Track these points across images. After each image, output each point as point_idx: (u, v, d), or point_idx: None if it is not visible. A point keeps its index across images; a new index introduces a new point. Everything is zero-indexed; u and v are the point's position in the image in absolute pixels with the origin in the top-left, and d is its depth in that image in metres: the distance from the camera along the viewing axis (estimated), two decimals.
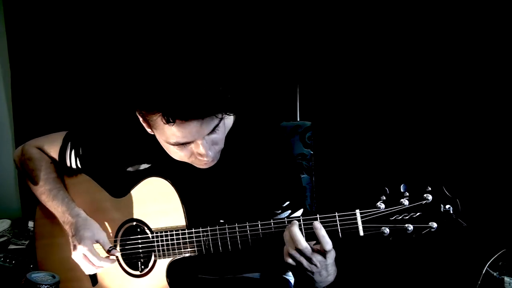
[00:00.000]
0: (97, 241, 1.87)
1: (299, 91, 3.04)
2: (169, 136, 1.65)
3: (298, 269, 1.68)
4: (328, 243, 1.60)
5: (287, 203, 1.91)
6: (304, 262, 1.65)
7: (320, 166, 2.41)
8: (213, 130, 1.67)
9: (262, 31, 3.02)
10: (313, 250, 1.63)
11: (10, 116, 3.44)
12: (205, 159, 1.72)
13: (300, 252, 1.62)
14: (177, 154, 1.75)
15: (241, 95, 1.78)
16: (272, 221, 1.69)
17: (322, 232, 1.60)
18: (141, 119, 1.75)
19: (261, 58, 3.04)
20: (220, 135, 1.73)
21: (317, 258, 1.64)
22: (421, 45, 2.79)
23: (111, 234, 1.95)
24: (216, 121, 1.65)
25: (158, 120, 1.61)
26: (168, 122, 1.57)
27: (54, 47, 3.28)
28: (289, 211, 1.91)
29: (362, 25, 2.88)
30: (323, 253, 1.63)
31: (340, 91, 2.99)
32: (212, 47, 1.67)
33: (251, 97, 2.91)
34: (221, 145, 1.79)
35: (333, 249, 1.64)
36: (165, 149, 1.79)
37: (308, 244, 1.62)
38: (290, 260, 1.67)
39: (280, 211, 1.91)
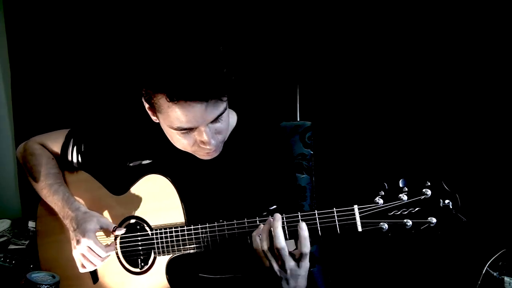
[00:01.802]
0: (101, 227, 1.89)
1: (299, 91, 3.04)
2: (173, 120, 1.66)
3: (267, 270, 1.69)
4: (307, 246, 1.62)
5: (274, 206, 1.91)
6: (275, 264, 1.66)
7: (320, 166, 2.41)
8: (217, 119, 1.69)
9: (262, 31, 3.02)
10: (289, 254, 1.64)
11: (10, 116, 3.44)
12: (208, 147, 1.74)
13: (278, 251, 1.63)
14: (180, 141, 1.77)
15: (242, 94, 1.79)
16: (271, 218, 1.68)
17: (305, 233, 1.61)
18: (146, 106, 1.78)
19: (261, 58, 3.04)
20: (224, 125, 1.76)
21: (289, 263, 1.65)
22: (418, 43, 2.78)
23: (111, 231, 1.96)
24: (220, 109, 1.68)
25: (162, 101, 1.64)
26: (172, 100, 1.59)
27: (54, 46, 3.28)
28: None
29: (362, 25, 2.88)
30: (298, 259, 1.65)
31: (340, 91, 2.99)
32: (218, 33, 1.68)
33: (252, 97, 2.91)
34: (224, 135, 1.81)
35: (308, 261, 1.66)
36: (169, 137, 1.82)
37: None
38: (265, 260, 1.68)
39: (265, 213, 1.90)
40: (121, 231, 1.90)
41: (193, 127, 1.69)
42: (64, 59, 3.29)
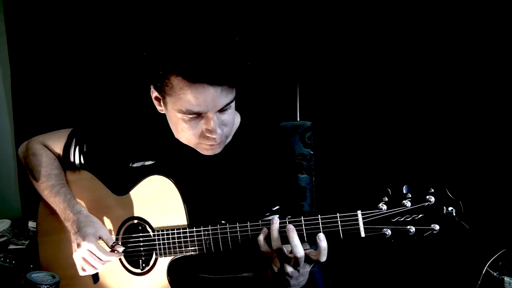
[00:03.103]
0: (100, 237, 1.88)
1: (299, 91, 3.04)
2: (184, 102, 1.67)
3: (278, 270, 1.70)
4: (325, 256, 1.62)
5: (277, 207, 1.93)
6: (288, 267, 1.66)
7: (320, 166, 2.41)
8: (225, 108, 1.71)
9: (262, 31, 3.01)
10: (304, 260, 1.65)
11: (10, 116, 3.45)
12: (213, 136, 1.74)
13: (297, 259, 1.62)
14: (184, 131, 1.77)
15: (245, 95, 1.80)
16: (273, 221, 1.67)
17: (324, 244, 1.61)
18: (154, 95, 1.80)
19: (261, 58, 3.04)
20: (229, 118, 1.77)
21: (305, 267, 1.67)
22: (423, 46, 2.79)
23: (113, 232, 1.96)
24: (230, 97, 1.70)
25: (176, 83, 1.65)
26: (189, 80, 1.61)
27: (54, 45, 3.28)
28: (277, 216, 1.91)
29: (362, 25, 2.88)
30: (313, 261, 1.65)
31: (340, 91, 2.99)
32: (235, 23, 1.70)
33: (252, 97, 2.91)
34: (229, 129, 1.82)
35: None
36: (174, 128, 1.83)
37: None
38: (276, 262, 1.68)
39: (268, 213, 1.92)
40: (120, 248, 1.90)
41: (202, 112, 1.69)
42: (64, 58, 3.29)
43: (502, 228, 2.69)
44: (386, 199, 1.54)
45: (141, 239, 1.90)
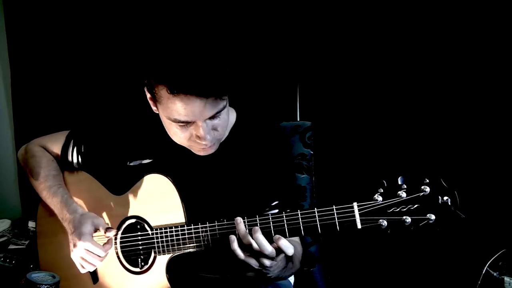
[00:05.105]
0: (96, 228, 1.88)
1: (299, 91, 3.04)
2: (172, 112, 1.68)
3: (260, 268, 1.70)
4: (291, 250, 1.62)
5: (276, 202, 1.93)
6: (267, 262, 1.66)
7: (320, 166, 2.41)
8: (215, 116, 1.71)
9: (262, 31, 3.02)
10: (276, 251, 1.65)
11: (10, 116, 3.45)
12: (203, 142, 1.75)
13: (266, 256, 1.63)
14: (177, 134, 1.78)
15: (242, 93, 1.80)
16: (270, 216, 1.67)
17: (284, 242, 1.61)
18: (148, 96, 1.80)
19: (261, 58, 3.04)
20: (221, 122, 1.77)
21: (280, 256, 1.67)
22: (417, 43, 2.78)
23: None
24: (219, 106, 1.69)
25: (163, 92, 1.66)
26: (172, 92, 1.61)
27: (54, 46, 3.29)
28: (277, 210, 1.92)
29: (362, 25, 2.88)
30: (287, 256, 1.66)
31: (340, 91, 2.99)
32: (223, 33, 1.70)
33: (252, 96, 2.92)
34: (221, 133, 1.82)
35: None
36: (167, 130, 1.83)
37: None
38: (253, 262, 1.68)
39: (267, 209, 1.93)
40: (112, 233, 1.89)
41: (191, 121, 1.70)
42: (64, 59, 3.29)
43: (502, 228, 2.67)
44: (382, 190, 1.54)
45: (139, 237, 1.90)
